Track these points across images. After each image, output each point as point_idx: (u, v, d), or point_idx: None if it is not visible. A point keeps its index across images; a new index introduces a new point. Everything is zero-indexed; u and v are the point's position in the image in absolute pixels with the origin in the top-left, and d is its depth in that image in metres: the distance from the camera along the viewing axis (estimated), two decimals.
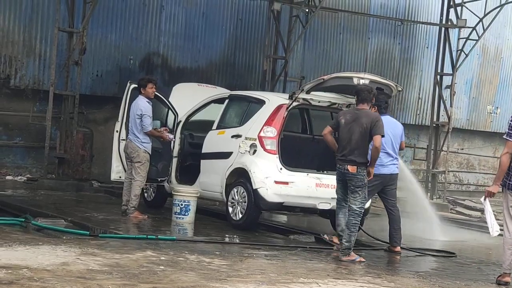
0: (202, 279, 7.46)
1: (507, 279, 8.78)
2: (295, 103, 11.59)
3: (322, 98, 11.70)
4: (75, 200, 14.02)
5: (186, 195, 11.74)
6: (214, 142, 12.23)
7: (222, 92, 13.53)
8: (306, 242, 11.14)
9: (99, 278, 7.08)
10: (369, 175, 9.74)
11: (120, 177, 12.23)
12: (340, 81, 11.19)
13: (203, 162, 12.32)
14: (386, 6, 20.54)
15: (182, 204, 11.70)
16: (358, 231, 9.86)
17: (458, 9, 19.34)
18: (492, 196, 8.82)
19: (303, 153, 11.92)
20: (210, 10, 18.03)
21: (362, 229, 11.03)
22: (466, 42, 19.48)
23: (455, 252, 11.24)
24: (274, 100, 11.87)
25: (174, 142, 12.64)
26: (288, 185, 11.30)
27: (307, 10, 18.32)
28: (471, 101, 22.75)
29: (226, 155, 11.82)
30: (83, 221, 11.01)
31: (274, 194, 11.23)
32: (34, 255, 7.88)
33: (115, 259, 8.07)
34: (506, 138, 8.64)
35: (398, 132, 11.03)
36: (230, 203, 11.60)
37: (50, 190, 14.67)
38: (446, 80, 20.00)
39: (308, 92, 11.45)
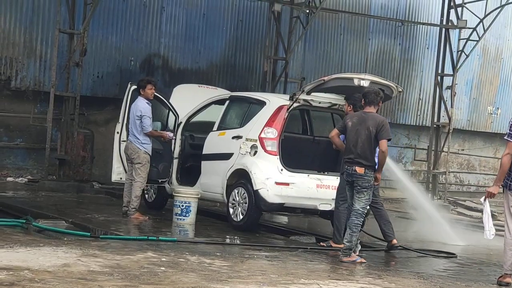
0: (203, 280, 7.46)
1: (508, 280, 8.78)
2: (296, 104, 11.59)
3: (322, 99, 11.70)
4: (76, 201, 14.03)
5: (187, 196, 11.75)
6: (215, 143, 12.23)
7: (222, 93, 13.53)
8: (307, 243, 11.14)
9: (100, 279, 7.09)
10: (376, 181, 9.75)
11: (121, 178, 12.24)
12: (340, 82, 11.20)
13: (204, 163, 12.32)
14: (387, 7, 20.54)
15: (183, 205, 11.71)
16: (359, 232, 9.85)
17: (459, 9, 19.36)
18: (492, 196, 8.82)
19: (304, 154, 11.92)
20: (211, 11, 18.03)
21: (363, 230, 11.04)
22: (466, 42, 19.49)
23: (455, 253, 11.23)
24: (274, 101, 11.87)
25: (174, 143, 12.64)
26: (288, 186, 11.30)
27: (308, 11, 18.33)
28: (472, 102, 22.75)
29: (226, 156, 11.82)
30: (84, 222, 11.02)
31: (274, 195, 11.24)
32: (35, 257, 7.88)
33: (116, 260, 8.07)
34: (507, 139, 8.64)
35: None
36: (231, 204, 11.61)
37: (51, 191, 14.68)
38: (447, 81, 20.00)
39: (308, 93, 11.46)
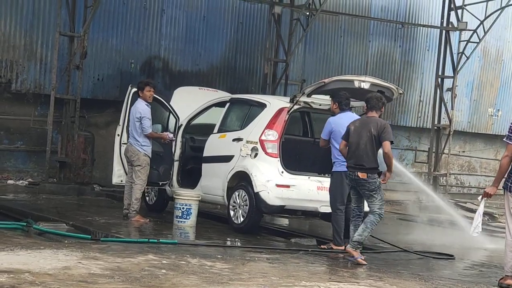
0: (204, 283, 7.45)
1: (509, 282, 8.76)
2: (296, 106, 11.60)
3: (323, 101, 11.70)
4: (77, 204, 14.03)
5: (187, 199, 11.75)
6: (216, 145, 12.23)
7: (223, 95, 13.53)
8: (308, 245, 11.12)
9: (101, 282, 7.08)
10: (383, 178, 9.81)
11: (121, 180, 12.24)
12: (341, 84, 11.20)
13: (205, 166, 12.32)
14: (387, 9, 20.55)
15: (183, 207, 11.70)
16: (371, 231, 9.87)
17: (459, 11, 19.37)
18: (489, 197, 8.83)
19: (305, 156, 11.92)
20: (211, 13, 18.04)
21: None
22: (467, 44, 19.51)
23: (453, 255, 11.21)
24: (275, 103, 11.87)
25: (175, 145, 12.64)
26: (289, 188, 11.30)
27: (308, 13, 18.34)
28: (472, 103, 22.75)
29: (227, 159, 11.82)
30: (85, 225, 11.02)
31: (275, 197, 11.23)
32: (36, 259, 7.88)
33: (117, 263, 8.07)
34: (506, 141, 8.64)
35: None
36: (231, 207, 11.60)
37: (52, 194, 14.67)
38: (447, 82, 20.01)
39: (309, 95, 11.46)
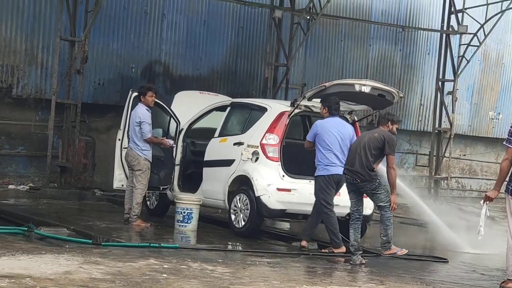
0: (205, 287, 7.45)
1: (511, 285, 8.75)
2: (297, 110, 11.60)
3: None
4: (78, 208, 14.02)
5: (188, 203, 11.74)
6: (216, 149, 12.23)
7: (223, 99, 13.53)
8: (309, 249, 11.12)
9: (102, 286, 7.08)
10: (392, 205, 10.11)
11: (122, 185, 12.24)
12: (341, 88, 11.21)
13: (206, 170, 12.32)
14: (387, 13, 20.57)
15: (184, 212, 11.70)
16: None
17: (459, 15, 19.38)
18: (490, 201, 8.82)
19: (305, 160, 11.89)
20: (212, 18, 18.05)
21: (344, 237, 11.16)
22: (467, 48, 19.51)
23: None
24: (276, 107, 11.87)
25: (176, 149, 12.64)
26: (290, 192, 11.31)
27: (308, 18, 18.35)
28: (473, 107, 22.75)
29: (228, 163, 11.82)
30: (86, 229, 11.01)
31: (276, 201, 11.23)
32: (37, 264, 7.88)
33: (118, 268, 8.07)
34: (506, 145, 8.63)
35: (348, 134, 10.65)
36: (232, 211, 11.60)
37: (53, 199, 14.67)
38: (448, 86, 20.02)
39: (309, 99, 11.46)
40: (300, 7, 18.17)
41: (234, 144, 11.87)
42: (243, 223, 11.43)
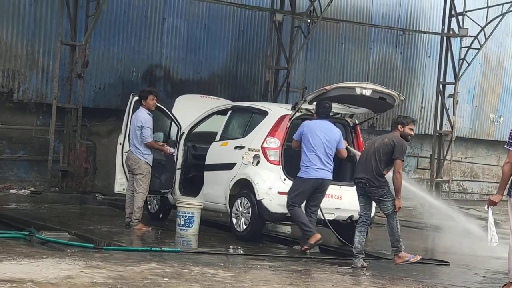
0: None
1: None
2: (298, 114, 11.60)
3: None
4: (79, 213, 14.02)
5: (190, 207, 11.74)
6: (217, 153, 12.23)
7: (224, 103, 13.53)
8: (311, 253, 11.11)
9: None
10: (396, 209, 10.08)
11: (123, 189, 12.23)
12: (342, 91, 11.22)
13: (207, 174, 12.31)
14: (388, 16, 20.58)
15: (186, 215, 11.70)
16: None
17: (460, 18, 19.38)
18: (494, 205, 8.80)
19: None
20: (212, 22, 18.07)
21: (344, 241, 11.20)
22: (468, 51, 19.51)
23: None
24: (277, 110, 11.87)
25: (177, 153, 12.63)
26: None
27: (309, 21, 18.36)
28: (474, 110, 22.75)
29: (229, 166, 11.82)
30: (87, 233, 11.01)
31: (278, 205, 11.22)
32: (39, 269, 7.87)
33: (120, 272, 8.06)
34: (507, 148, 8.62)
35: (334, 137, 10.70)
36: (234, 214, 11.59)
37: (54, 203, 14.67)
38: (449, 89, 20.01)
39: (310, 102, 11.46)
40: (300, 11, 18.18)
41: (235, 147, 11.86)
42: (245, 227, 11.42)
